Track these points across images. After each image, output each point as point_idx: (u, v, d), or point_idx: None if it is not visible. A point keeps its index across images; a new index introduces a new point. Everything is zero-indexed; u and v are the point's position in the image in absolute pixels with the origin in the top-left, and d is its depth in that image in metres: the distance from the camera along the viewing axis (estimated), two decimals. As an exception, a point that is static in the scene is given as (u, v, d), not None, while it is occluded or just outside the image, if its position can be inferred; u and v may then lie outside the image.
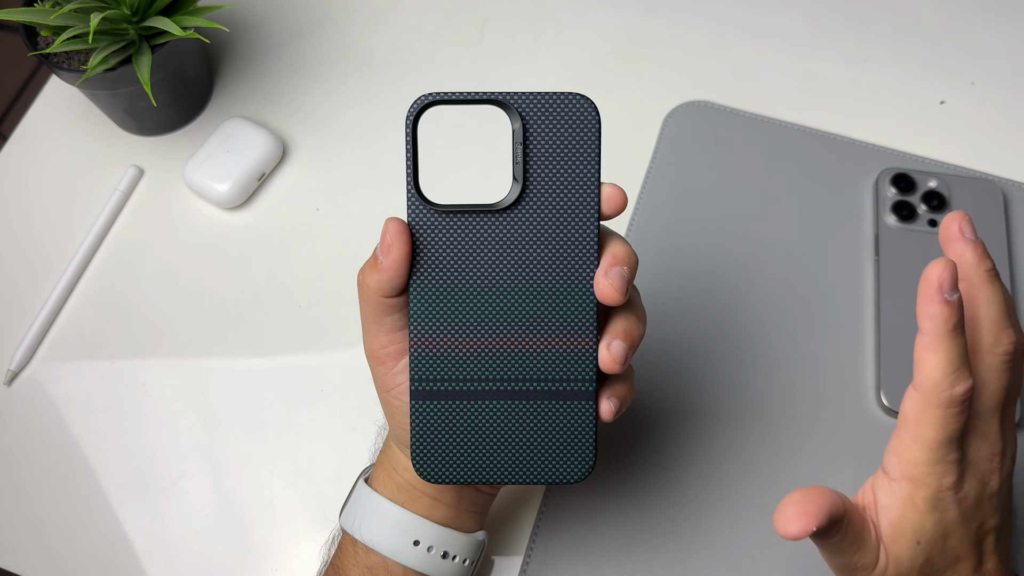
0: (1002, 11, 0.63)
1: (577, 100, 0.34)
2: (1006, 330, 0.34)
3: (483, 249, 0.34)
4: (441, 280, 0.34)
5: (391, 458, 0.41)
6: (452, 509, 0.40)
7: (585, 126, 0.34)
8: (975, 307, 0.35)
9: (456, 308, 0.34)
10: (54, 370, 0.54)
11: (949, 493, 0.34)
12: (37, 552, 0.49)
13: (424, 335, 0.34)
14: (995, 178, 0.56)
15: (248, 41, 0.65)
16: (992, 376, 0.34)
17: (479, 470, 0.35)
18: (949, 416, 0.33)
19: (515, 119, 0.33)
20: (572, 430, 0.35)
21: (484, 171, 0.35)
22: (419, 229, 0.34)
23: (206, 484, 0.50)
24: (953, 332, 0.32)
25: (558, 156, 0.34)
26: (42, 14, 0.52)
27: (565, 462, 0.35)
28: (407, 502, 0.40)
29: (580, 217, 0.34)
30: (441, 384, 0.34)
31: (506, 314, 0.34)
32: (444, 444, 0.35)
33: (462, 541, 0.41)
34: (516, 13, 0.65)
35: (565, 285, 0.34)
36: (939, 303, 0.32)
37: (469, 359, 0.34)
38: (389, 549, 0.39)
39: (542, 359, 0.34)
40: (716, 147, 0.58)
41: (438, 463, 0.35)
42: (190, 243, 0.58)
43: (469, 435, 0.35)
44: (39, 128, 0.63)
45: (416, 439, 0.35)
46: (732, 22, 0.64)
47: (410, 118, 0.33)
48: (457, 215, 0.34)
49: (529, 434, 0.35)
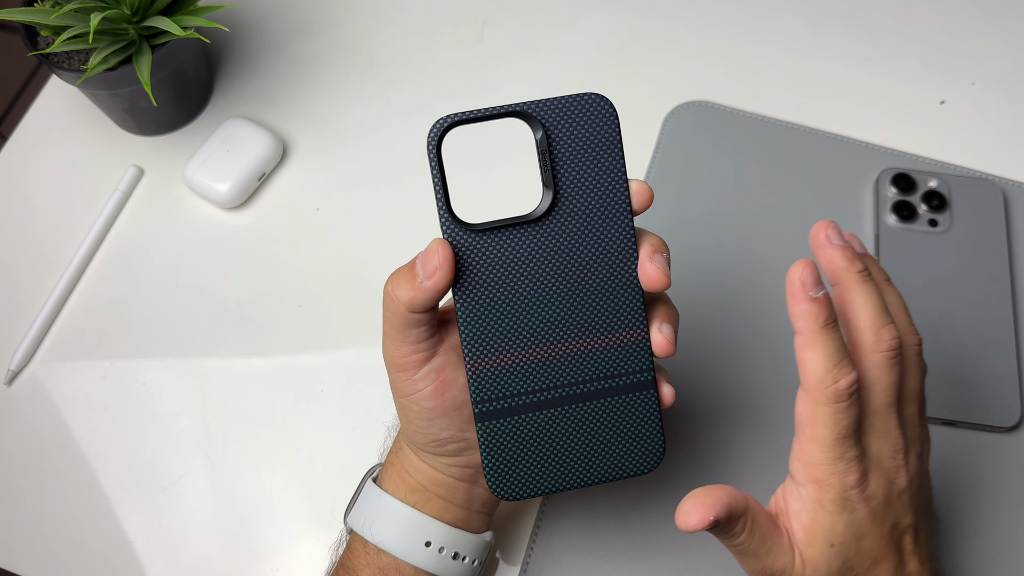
0: (1002, 11, 0.63)
1: (594, 100, 0.34)
2: (886, 327, 0.35)
3: (524, 261, 0.34)
4: (488, 298, 0.34)
5: (403, 459, 0.41)
6: (463, 510, 0.40)
7: (605, 124, 0.34)
8: (851, 309, 0.35)
9: (507, 323, 0.34)
10: (54, 370, 0.54)
11: (855, 492, 0.34)
12: (37, 552, 0.49)
13: (480, 356, 0.34)
14: (995, 178, 0.56)
15: (248, 41, 0.65)
16: (880, 373, 0.35)
17: (554, 478, 0.35)
18: (838, 411, 0.33)
19: (537, 128, 0.33)
20: (638, 421, 0.35)
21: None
22: (459, 251, 0.34)
23: (206, 484, 0.50)
24: (826, 327, 0.33)
25: (583, 158, 0.34)
26: (42, 14, 0.52)
27: (636, 453, 0.36)
28: (419, 503, 0.40)
29: (614, 214, 0.34)
30: (504, 401, 0.34)
31: (556, 320, 0.34)
32: (517, 460, 0.35)
33: (472, 542, 0.41)
34: (516, 13, 0.65)
35: (609, 282, 0.35)
36: (805, 301, 0.33)
37: (528, 371, 0.34)
38: (401, 550, 0.39)
39: (598, 358, 0.35)
40: (716, 147, 0.58)
41: (514, 480, 0.35)
42: (190, 243, 0.58)
43: (540, 446, 0.35)
44: (39, 128, 0.63)
45: (489, 460, 0.35)
46: (732, 22, 0.64)
47: (432, 142, 0.33)
48: (494, 232, 0.34)
49: (597, 433, 0.35)
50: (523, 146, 0.34)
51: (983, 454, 0.49)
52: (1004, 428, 0.49)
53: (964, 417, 0.49)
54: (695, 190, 0.57)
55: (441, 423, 0.37)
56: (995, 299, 0.52)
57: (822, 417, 0.33)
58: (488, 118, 0.33)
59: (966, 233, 0.54)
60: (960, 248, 0.53)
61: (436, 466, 0.39)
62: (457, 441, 0.38)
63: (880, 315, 0.35)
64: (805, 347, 0.33)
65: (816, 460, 0.34)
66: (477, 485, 0.40)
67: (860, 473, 0.34)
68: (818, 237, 0.36)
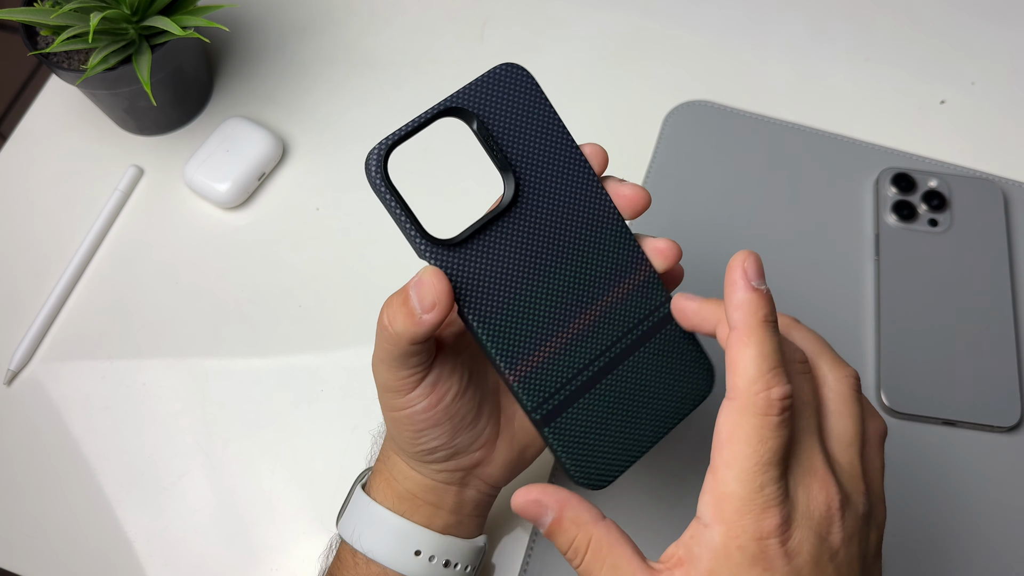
0: (1002, 11, 0.63)
1: (507, 70, 0.33)
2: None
3: (514, 251, 0.33)
4: (499, 305, 0.33)
5: (391, 467, 0.40)
6: (453, 515, 0.40)
7: (527, 90, 0.33)
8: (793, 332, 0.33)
9: (526, 320, 0.33)
10: (54, 370, 0.54)
11: (773, 542, 0.28)
12: (37, 552, 0.49)
13: (518, 363, 0.33)
14: (995, 178, 0.56)
15: (248, 41, 0.65)
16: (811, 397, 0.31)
17: (630, 447, 0.34)
18: (767, 426, 0.28)
19: (470, 119, 0.33)
20: (679, 354, 0.35)
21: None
22: (449, 270, 0.32)
23: (206, 484, 0.50)
24: (766, 323, 0.29)
25: (523, 129, 0.33)
26: (42, 14, 0.52)
27: (690, 385, 0.35)
28: (408, 511, 0.39)
29: (575, 171, 0.34)
30: (558, 396, 0.34)
31: (567, 295, 0.34)
32: (593, 446, 0.34)
33: (463, 548, 0.40)
34: (516, 13, 0.65)
35: (597, 235, 0.34)
36: (746, 290, 0.30)
37: (564, 356, 0.34)
38: (390, 560, 0.39)
39: (618, 312, 0.34)
40: (716, 147, 0.58)
41: (598, 466, 0.34)
42: (190, 243, 0.58)
43: (607, 421, 0.34)
44: (39, 128, 0.63)
45: (569, 458, 0.34)
46: (732, 22, 0.64)
47: (377, 174, 0.32)
48: (475, 238, 0.33)
49: (650, 383, 0.35)
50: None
51: (983, 454, 0.49)
52: (1004, 428, 0.49)
53: (964, 417, 0.49)
54: (695, 190, 0.57)
55: (433, 433, 0.37)
56: (995, 299, 0.52)
57: (746, 432, 0.28)
58: (420, 128, 0.32)
59: (966, 233, 0.54)
60: (960, 248, 0.53)
61: (425, 472, 0.39)
62: (447, 448, 0.38)
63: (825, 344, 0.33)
64: (738, 344, 0.29)
65: (729, 491, 0.28)
66: (467, 488, 0.40)
67: (781, 518, 0.28)
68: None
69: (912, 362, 0.50)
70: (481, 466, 0.39)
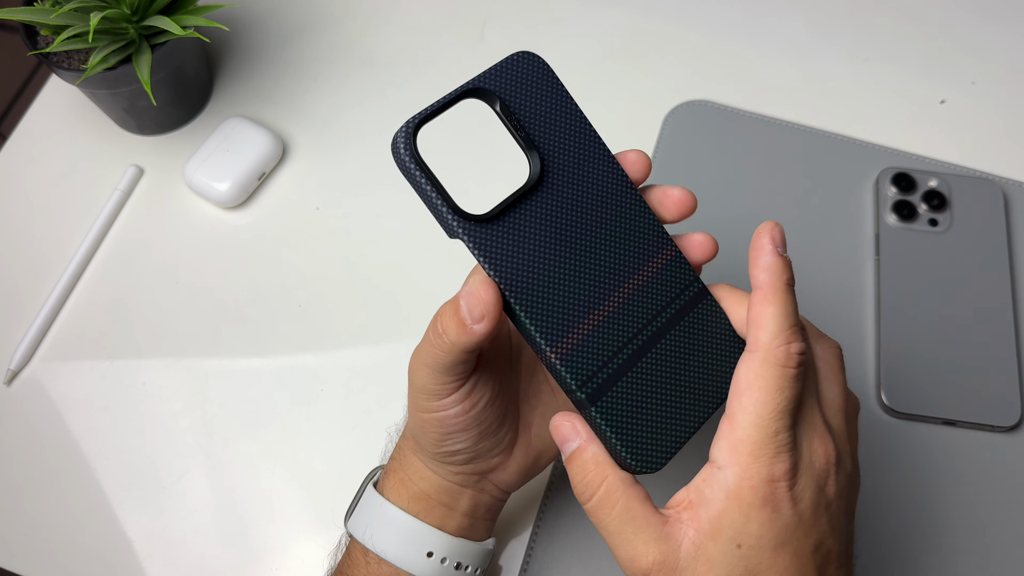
0: (1002, 11, 0.63)
1: (524, 58, 0.34)
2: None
3: (546, 228, 0.33)
4: (536, 281, 0.33)
5: (406, 467, 0.40)
6: (467, 518, 0.40)
7: (544, 76, 0.35)
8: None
9: (563, 296, 0.33)
10: (54, 370, 0.54)
11: (782, 486, 0.30)
12: (37, 552, 0.49)
13: (559, 340, 0.33)
14: (995, 177, 0.56)
15: (248, 41, 0.65)
16: (822, 364, 0.34)
17: (680, 424, 0.34)
18: (786, 377, 0.30)
19: (493, 100, 0.33)
20: (714, 330, 0.35)
21: (485, 167, 0.34)
22: (487, 247, 0.32)
23: (206, 484, 0.50)
24: (788, 287, 0.32)
25: (544, 111, 0.34)
26: (42, 13, 0.52)
27: (726, 363, 0.35)
28: (421, 512, 0.39)
29: (594, 151, 0.34)
30: (602, 374, 0.33)
31: (600, 272, 0.34)
32: (641, 426, 0.33)
33: (474, 551, 0.41)
34: (516, 13, 0.65)
35: (621, 213, 0.34)
36: (773, 254, 0.32)
37: (604, 333, 0.33)
38: (402, 560, 0.39)
39: (652, 289, 0.34)
40: (716, 147, 0.58)
41: (650, 447, 0.33)
42: (190, 243, 0.58)
43: (652, 399, 0.34)
44: (39, 128, 0.63)
45: (621, 438, 0.33)
46: (732, 22, 0.64)
47: (407, 152, 0.32)
48: (507, 213, 0.33)
49: (691, 359, 0.35)
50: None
51: (983, 454, 0.49)
52: (1004, 428, 0.49)
53: (964, 417, 0.49)
54: (695, 190, 0.56)
55: (459, 437, 0.37)
56: (995, 299, 0.52)
57: (765, 381, 0.30)
58: (444, 107, 0.33)
59: (966, 233, 0.54)
60: (960, 248, 0.53)
61: (442, 473, 0.39)
62: (469, 452, 0.38)
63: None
64: (763, 302, 0.31)
65: (745, 436, 0.30)
66: (481, 492, 0.40)
67: (791, 464, 0.30)
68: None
69: (912, 362, 0.50)
70: (497, 471, 0.40)
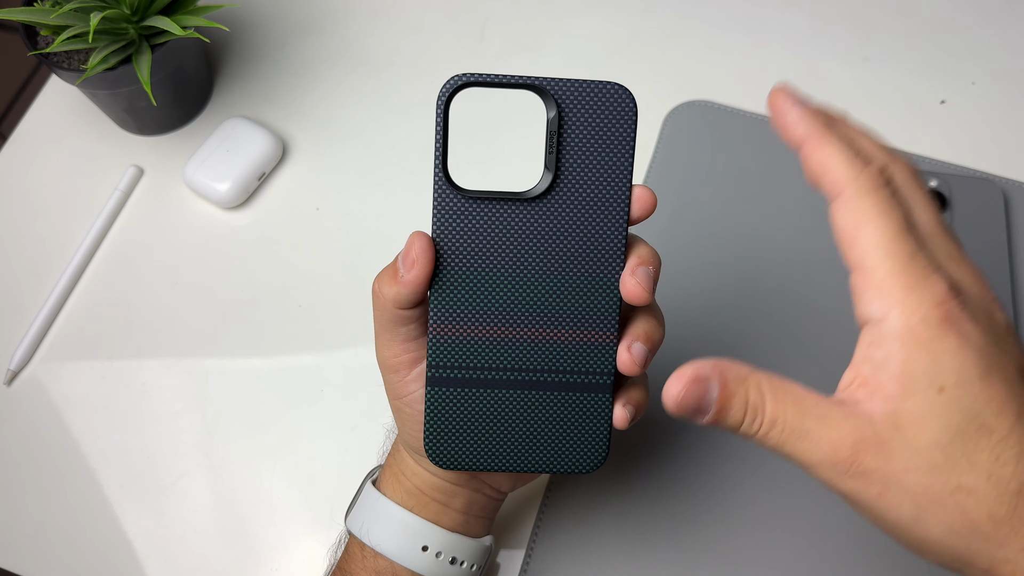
0: (1002, 11, 0.63)
1: (616, 90, 0.33)
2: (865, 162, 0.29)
3: (509, 237, 0.33)
4: (466, 267, 0.33)
5: (400, 462, 0.40)
6: (461, 515, 0.40)
7: (622, 118, 0.33)
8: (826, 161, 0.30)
9: (478, 296, 0.33)
10: (54, 370, 0.54)
11: (953, 305, 0.26)
12: (37, 552, 0.49)
13: (444, 322, 0.34)
14: (995, 178, 0.56)
15: (248, 41, 0.65)
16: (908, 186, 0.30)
17: (491, 458, 0.35)
18: (884, 199, 0.27)
19: (551, 107, 0.32)
20: (587, 422, 0.35)
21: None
22: (445, 214, 0.33)
23: (206, 484, 0.50)
24: (830, 126, 0.29)
25: (592, 148, 0.33)
26: (42, 14, 0.52)
27: (578, 453, 0.35)
28: (416, 507, 0.40)
29: (609, 212, 0.33)
30: (458, 372, 0.34)
31: (528, 304, 0.34)
32: (458, 431, 0.35)
33: (470, 546, 0.41)
34: (516, 13, 0.65)
35: (590, 279, 0.34)
36: (798, 106, 0.29)
37: (488, 348, 0.34)
38: (397, 554, 0.39)
39: (561, 350, 0.34)
40: (716, 146, 0.58)
41: (450, 449, 0.35)
42: (190, 243, 0.58)
43: (484, 423, 0.35)
44: (39, 128, 0.63)
45: (430, 425, 0.34)
46: (732, 22, 0.64)
47: (442, 99, 0.32)
48: (484, 201, 0.33)
49: (544, 424, 0.35)
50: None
51: (983, 454, 0.49)
52: (1004, 428, 0.49)
53: (964, 417, 0.49)
54: (695, 190, 0.57)
55: None
56: (995, 299, 0.52)
57: (868, 212, 0.27)
58: (504, 85, 0.32)
59: (966, 233, 0.54)
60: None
61: (432, 470, 0.39)
62: None
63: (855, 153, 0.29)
64: (816, 149, 0.29)
65: (885, 271, 0.26)
66: (477, 492, 0.40)
67: (948, 282, 0.26)
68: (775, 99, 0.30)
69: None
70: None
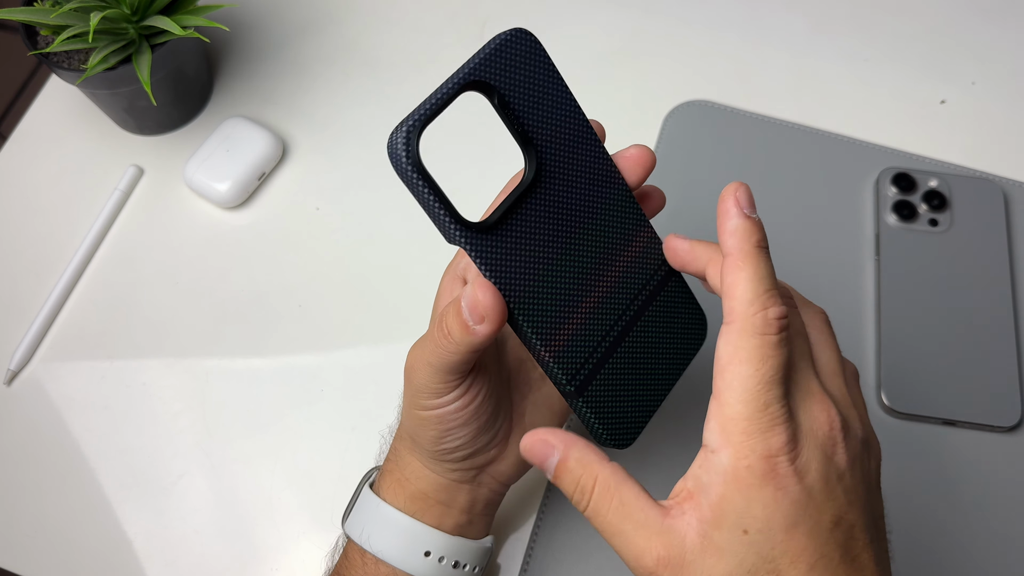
0: (1002, 11, 0.63)
1: (516, 36, 0.33)
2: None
3: (540, 228, 0.33)
4: (532, 282, 0.33)
5: (403, 466, 0.40)
6: (464, 515, 0.40)
7: (538, 60, 0.34)
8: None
9: (555, 293, 0.33)
10: (54, 370, 0.54)
11: (783, 460, 0.27)
12: (37, 552, 0.49)
13: (552, 338, 0.33)
14: (996, 177, 0.56)
15: (248, 41, 0.65)
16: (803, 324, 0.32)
17: (649, 400, 0.36)
18: (768, 345, 0.28)
19: (491, 94, 0.32)
20: (681, 306, 0.36)
21: (482, 163, 0.34)
22: (487, 255, 0.32)
23: (206, 484, 0.50)
24: (759, 248, 0.30)
25: (537, 100, 0.33)
26: (42, 13, 0.52)
27: (690, 334, 0.37)
28: (418, 512, 0.39)
29: (585, 142, 0.34)
30: (588, 365, 0.34)
31: (586, 265, 0.34)
32: (619, 407, 0.35)
33: (472, 549, 0.41)
34: (516, 13, 0.65)
35: (607, 202, 0.34)
36: (739, 216, 0.30)
37: (589, 325, 0.34)
38: (400, 561, 0.39)
39: (628, 276, 0.35)
40: (716, 146, 0.58)
41: (623, 427, 0.35)
42: (190, 243, 0.58)
43: (628, 381, 0.35)
44: (39, 128, 0.63)
45: (600, 422, 0.34)
46: (732, 22, 0.64)
47: (407, 157, 0.30)
48: (505, 217, 0.32)
49: (660, 338, 0.36)
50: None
51: (983, 454, 0.49)
52: (1004, 428, 0.49)
53: (964, 417, 0.49)
54: (695, 190, 0.57)
55: (458, 433, 0.37)
56: (995, 299, 0.52)
57: (747, 352, 0.28)
58: (444, 105, 0.31)
59: (966, 233, 0.54)
60: (960, 248, 0.53)
61: (439, 471, 0.39)
62: (468, 447, 0.38)
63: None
64: (734, 268, 0.29)
65: (734, 413, 0.28)
66: (480, 486, 0.40)
67: (788, 435, 0.28)
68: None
69: (912, 362, 0.50)
70: (494, 464, 0.40)
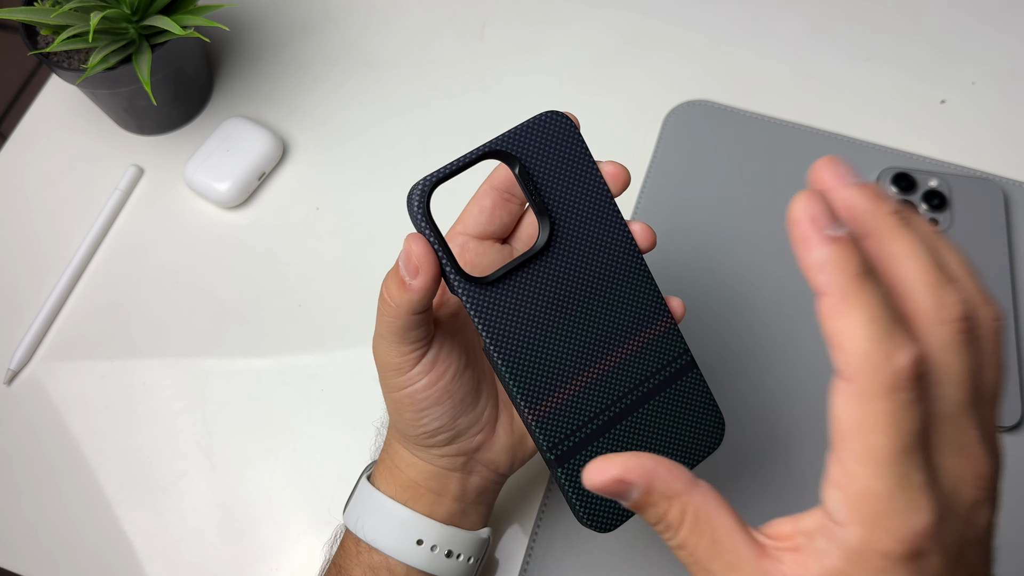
0: (1002, 11, 0.63)
1: (551, 117, 0.34)
2: (947, 287, 0.24)
3: (545, 294, 0.34)
4: (524, 344, 0.34)
5: (393, 456, 0.41)
6: (457, 503, 0.40)
7: (568, 138, 0.34)
8: (892, 267, 0.24)
9: (550, 360, 0.34)
10: (54, 370, 0.54)
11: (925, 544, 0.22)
12: (37, 552, 0.49)
13: (538, 403, 0.34)
14: (996, 177, 0.56)
15: (248, 41, 0.65)
16: (949, 355, 0.23)
17: None
18: (900, 406, 0.22)
19: (513, 164, 0.34)
20: (694, 403, 0.36)
21: None
22: (484, 310, 0.33)
23: (206, 484, 0.50)
24: (861, 278, 0.23)
25: (562, 175, 0.34)
26: (42, 13, 0.52)
27: (702, 434, 0.36)
28: (410, 500, 0.40)
29: (607, 220, 0.35)
30: (574, 437, 0.34)
31: (592, 338, 0.34)
32: None
33: (466, 539, 0.41)
34: (516, 13, 0.65)
35: (624, 282, 0.35)
36: (822, 243, 0.23)
37: (584, 398, 0.34)
38: (392, 548, 0.39)
39: (639, 359, 0.35)
40: (716, 147, 0.58)
41: (604, 512, 0.34)
42: (190, 243, 0.58)
43: None
44: (39, 128, 0.63)
45: (577, 499, 0.34)
46: (732, 22, 0.64)
47: (420, 210, 0.32)
48: (508, 277, 0.33)
49: (663, 430, 0.35)
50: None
51: (983, 454, 0.49)
52: (1004, 428, 0.49)
53: (964, 417, 0.49)
54: (695, 189, 0.57)
55: (434, 413, 0.37)
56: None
57: (876, 420, 0.22)
58: (464, 167, 0.33)
59: (966, 233, 0.54)
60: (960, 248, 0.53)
61: (427, 458, 0.39)
62: (448, 430, 0.38)
63: (935, 271, 0.24)
64: (836, 313, 0.23)
65: (867, 489, 0.22)
66: (471, 474, 0.40)
67: (934, 516, 0.22)
68: (822, 176, 0.25)
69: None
70: (482, 450, 0.40)
